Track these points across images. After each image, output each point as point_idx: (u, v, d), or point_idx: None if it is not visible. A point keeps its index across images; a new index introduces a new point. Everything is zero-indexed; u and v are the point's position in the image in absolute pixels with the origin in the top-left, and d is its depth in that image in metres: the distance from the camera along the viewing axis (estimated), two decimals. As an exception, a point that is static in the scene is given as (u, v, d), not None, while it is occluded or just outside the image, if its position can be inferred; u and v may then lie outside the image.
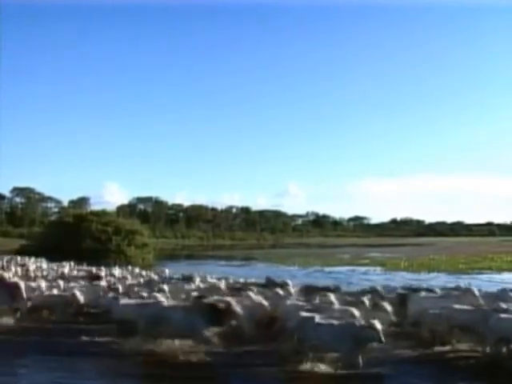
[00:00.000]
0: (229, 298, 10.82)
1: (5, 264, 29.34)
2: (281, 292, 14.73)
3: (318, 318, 9.55)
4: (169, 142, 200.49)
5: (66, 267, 28.15)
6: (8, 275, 18.94)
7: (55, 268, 27.38)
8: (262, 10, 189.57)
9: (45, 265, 30.42)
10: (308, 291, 15.26)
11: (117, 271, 25.25)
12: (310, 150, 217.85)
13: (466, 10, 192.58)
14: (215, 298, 11.17)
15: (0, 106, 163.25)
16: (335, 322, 9.37)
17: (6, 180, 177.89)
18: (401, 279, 30.79)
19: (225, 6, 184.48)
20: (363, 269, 40.17)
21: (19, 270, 24.71)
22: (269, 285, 17.12)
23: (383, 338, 8.80)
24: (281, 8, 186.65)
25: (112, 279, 20.73)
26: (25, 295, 13.75)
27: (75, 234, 47.03)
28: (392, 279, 30.85)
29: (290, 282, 17.29)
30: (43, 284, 16.49)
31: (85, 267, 29.12)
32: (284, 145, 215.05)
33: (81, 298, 14.46)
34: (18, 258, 34.55)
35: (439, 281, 29.21)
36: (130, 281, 19.74)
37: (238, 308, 10.27)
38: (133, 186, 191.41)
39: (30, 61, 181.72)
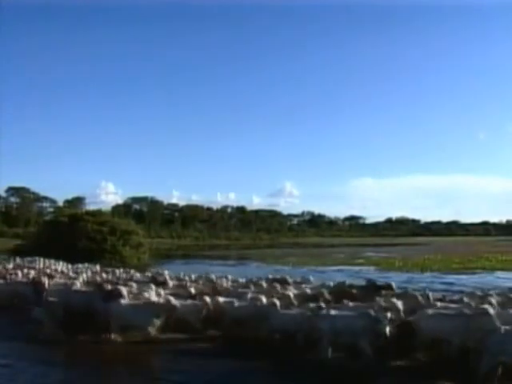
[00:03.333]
0: None
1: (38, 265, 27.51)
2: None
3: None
4: (164, 141, 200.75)
5: (89, 271, 23.34)
6: (45, 280, 17.00)
7: (78, 271, 23.17)
8: (263, 10, 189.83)
9: (61, 266, 27.15)
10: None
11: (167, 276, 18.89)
12: (305, 149, 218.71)
13: (466, 10, 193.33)
14: None
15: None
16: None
17: (1, 180, 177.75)
18: (418, 278, 30.51)
19: (224, 6, 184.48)
20: (357, 268, 40.00)
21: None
22: (372, 288, 15.13)
23: None
24: (280, 8, 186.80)
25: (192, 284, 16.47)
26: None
27: (70, 233, 46.78)
28: (414, 277, 30.79)
29: (393, 284, 15.61)
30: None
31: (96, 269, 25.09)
32: (279, 144, 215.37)
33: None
34: (41, 260, 33.17)
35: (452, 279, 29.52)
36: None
37: None
38: (128, 185, 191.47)
39: (28, 60, 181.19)
